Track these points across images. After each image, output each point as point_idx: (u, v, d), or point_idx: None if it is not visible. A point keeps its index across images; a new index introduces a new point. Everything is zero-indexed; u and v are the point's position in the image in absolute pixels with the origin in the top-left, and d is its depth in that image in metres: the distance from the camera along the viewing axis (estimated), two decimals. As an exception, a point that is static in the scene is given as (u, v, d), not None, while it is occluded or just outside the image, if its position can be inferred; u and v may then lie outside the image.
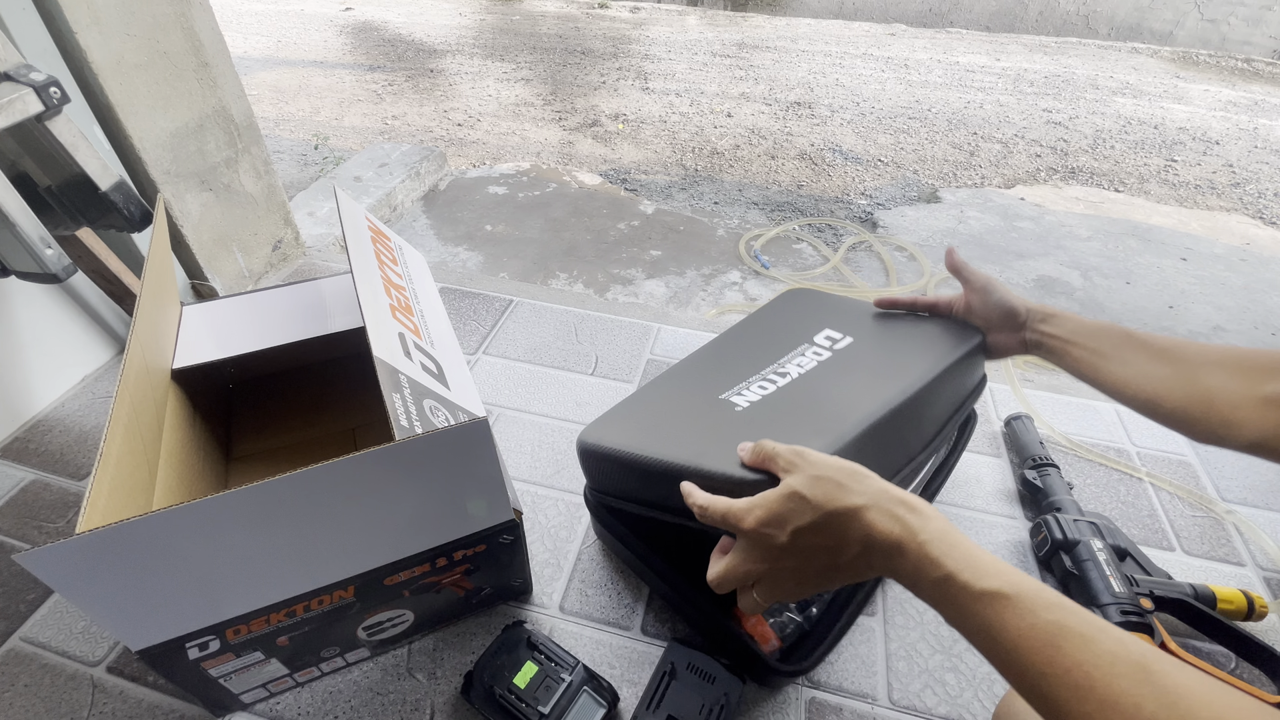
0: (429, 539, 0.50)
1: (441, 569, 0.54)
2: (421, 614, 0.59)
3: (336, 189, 0.66)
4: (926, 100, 3.20)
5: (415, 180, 2.18)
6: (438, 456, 0.44)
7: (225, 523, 0.40)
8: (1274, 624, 0.66)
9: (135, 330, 0.53)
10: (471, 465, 0.47)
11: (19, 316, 0.83)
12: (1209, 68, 3.85)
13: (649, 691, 0.55)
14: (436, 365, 0.58)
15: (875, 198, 2.30)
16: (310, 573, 0.47)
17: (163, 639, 0.45)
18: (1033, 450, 0.80)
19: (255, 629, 0.48)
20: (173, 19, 0.93)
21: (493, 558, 0.56)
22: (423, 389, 0.50)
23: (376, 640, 0.59)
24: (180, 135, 0.98)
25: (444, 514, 0.49)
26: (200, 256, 1.05)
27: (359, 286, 0.52)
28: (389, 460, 0.42)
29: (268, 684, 0.56)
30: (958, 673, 0.62)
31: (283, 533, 0.43)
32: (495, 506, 0.51)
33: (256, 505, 0.40)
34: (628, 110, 3.03)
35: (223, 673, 0.51)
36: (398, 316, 0.57)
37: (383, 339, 0.49)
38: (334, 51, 3.80)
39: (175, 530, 0.39)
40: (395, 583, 0.52)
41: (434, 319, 0.66)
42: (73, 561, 0.38)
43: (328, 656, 0.57)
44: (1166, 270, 1.94)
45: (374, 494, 0.44)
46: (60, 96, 0.63)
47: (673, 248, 2.00)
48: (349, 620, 0.54)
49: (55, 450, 0.83)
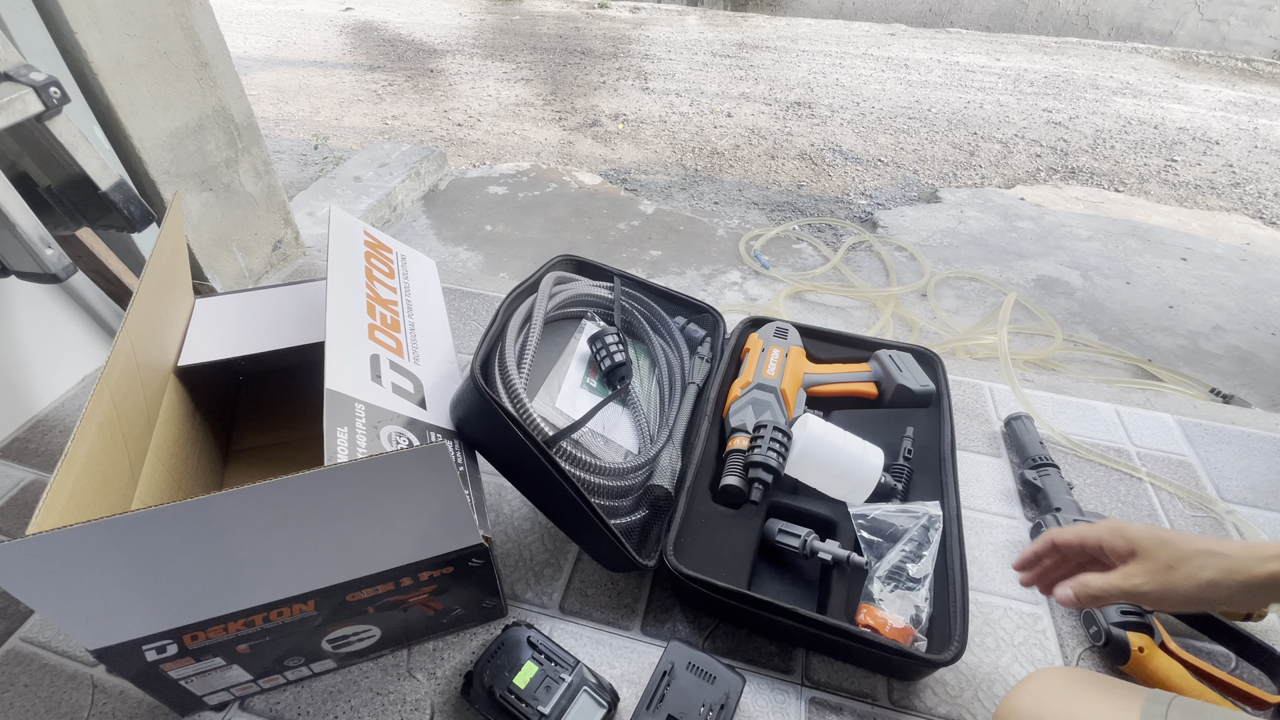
0: (390, 559, 0.50)
1: (407, 588, 0.53)
2: (389, 630, 0.58)
3: (332, 209, 0.66)
4: (926, 100, 3.20)
5: (415, 180, 2.18)
6: (392, 479, 0.44)
7: (176, 533, 0.40)
8: (1274, 624, 0.66)
9: (126, 327, 0.53)
10: (431, 489, 0.46)
11: (19, 316, 0.83)
12: (1209, 68, 3.85)
13: (649, 691, 0.55)
14: (415, 384, 0.58)
15: (875, 198, 2.30)
16: (267, 585, 0.47)
17: (118, 640, 0.45)
18: (1033, 450, 0.80)
19: (214, 635, 0.48)
20: (173, 19, 0.93)
21: (461, 579, 0.56)
22: (384, 414, 0.51)
23: (343, 653, 0.58)
24: (180, 135, 0.98)
25: (406, 535, 0.49)
26: (200, 256, 1.05)
27: (329, 316, 0.54)
28: (329, 482, 0.42)
29: (231, 688, 0.56)
30: (958, 673, 0.62)
31: (236, 544, 0.43)
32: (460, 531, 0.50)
33: (205, 518, 0.41)
34: (628, 110, 3.03)
35: (183, 675, 0.51)
36: (376, 336, 0.58)
37: (343, 368, 0.51)
38: (334, 51, 3.80)
39: (126, 537, 0.39)
40: (358, 599, 0.52)
41: (427, 333, 0.66)
42: (21, 563, 0.38)
43: (292, 665, 0.57)
44: (1166, 270, 1.94)
45: (326, 513, 0.44)
46: (60, 96, 0.63)
47: (673, 248, 2.00)
48: (312, 632, 0.53)
49: (55, 450, 0.82)
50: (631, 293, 0.85)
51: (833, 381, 0.82)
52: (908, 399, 0.79)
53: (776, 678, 0.61)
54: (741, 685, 0.56)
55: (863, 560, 0.62)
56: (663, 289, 0.88)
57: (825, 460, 0.69)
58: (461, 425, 0.59)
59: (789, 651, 0.63)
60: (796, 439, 0.70)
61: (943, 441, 0.74)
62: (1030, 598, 0.68)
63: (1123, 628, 0.60)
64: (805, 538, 0.65)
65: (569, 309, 0.80)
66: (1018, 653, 0.64)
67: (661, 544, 0.63)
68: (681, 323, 0.87)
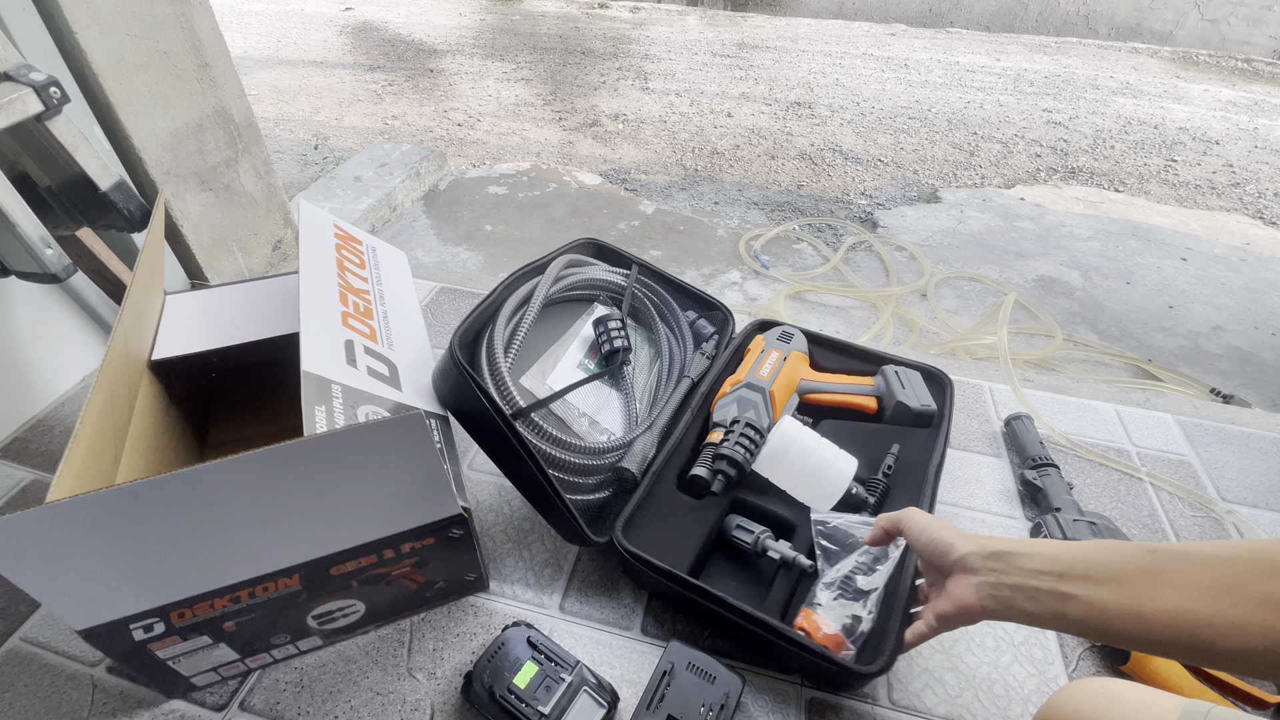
0: (373, 531, 0.51)
1: (389, 560, 0.55)
2: (373, 605, 0.59)
3: (302, 201, 0.69)
4: (926, 100, 3.20)
5: (415, 180, 2.18)
6: (371, 448, 0.45)
7: (160, 506, 0.41)
8: (1274, 624, 0.66)
9: (122, 320, 0.53)
10: (410, 458, 0.47)
11: (19, 316, 0.83)
12: (1209, 68, 3.85)
13: (649, 691, 0.55)
14: (390, 367, 0.60)
15: (875, 198, 2.30)
16: (252, 559, 0.48)
17: (106, 619, 0.46)
18: (1033, 450, 0.80)
19: (200, 613, 0.49)
20: (173, 19, 0.93)
21: (443, 551, 0.57)
22: (360, 395, 0.52)
23: (328, 629, 0.59)
24: (180, 135, 0.98)
25: (387, 506, 0.50)
26: (200, 256, 1.05)
27: (302, 303, 0.55)
28: (309, 452, 0.43)
29: (218, 668, 0.57)
30: (957, 673, 0.62)
31: (220, 518, 0.44)
32: (439, 501, 0.52)
33: (188, 491, 0.41)
34: (628, 110, 3.03)
35: (170, 655, 0.52)
36: (349, 323, 0.59)
37: (319, 352, 0.52)
38: (334, 51, 3.80)
39: (111, 512, 0.40)
40: (342, 573, 0.53)
41: (400, 320, 0.68)
42: (8, 541, 0.38)
43: (279, 643, 0.58)
44: (1166, 270, 1.94)
45: (308, 484, 0.45)
46: (60, 96, 0.63)
47: (673, 248, 2.00)
48: (297, 608, 0.54)
49: (55, 450, 0.82)
50: (647, 282, 0.87)
51: (830, 390, 0.81)
52: (906, 417, 0.77)
53: (776, 678, 0.61)
54: (741, 685, 0.56)
55: (808, 564, 0.62)
56: (678, 281, 0.89)
57: (795, 461, 0.68)
58: (441, 394, 0.63)
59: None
60: (769, 437, 0.70)
61: (930, 462, 0.71)
62: (1030, 598, 0.68)
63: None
64: (759, 535, 0.66)
65: (580, 291, 0.82)
66: (1018, 653, 0.64)
67: (614, 522, 0.65)
68: (692, 317, 0.88)
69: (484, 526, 0.73)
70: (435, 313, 1.06)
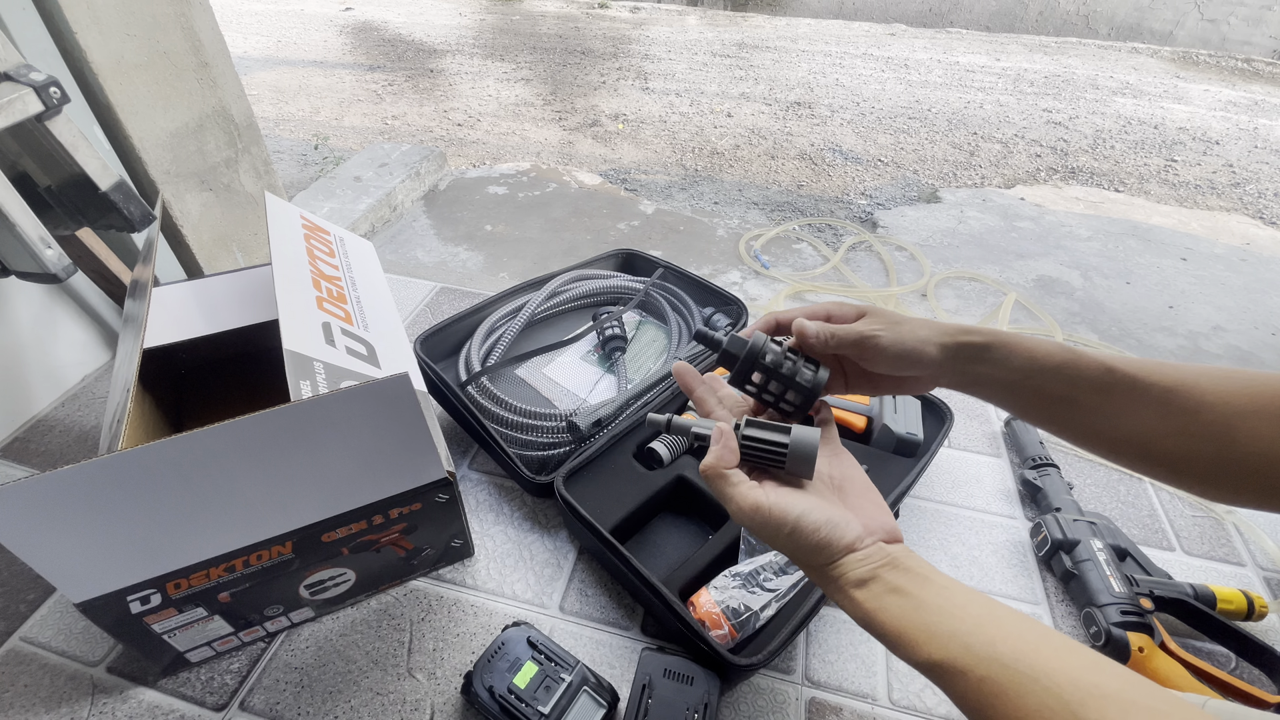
0: (363, 495, 0.52)
1: (379, 526, 0.56)
2: (363, 573, 0.61)
3: (267, 194, 0.71)
4: (926, 100, 3.20)
5: (415, 180, 2.18)
6: (359, 411, 0.46)
7: (155, 473, 0.42)
8: (1274, 624, 0.66)
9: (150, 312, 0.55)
10: (397, 421, 0.49)
11: (19, 316, 0.83)
12: (1209, 68, 3.85)
13: (630, 709, 0.54)
14: (367, 347, 0.61)
15: (875, 198, 2.30)
16: (247, 526, 0.49)
17: (103, 591, 0.46)
18: (1033, 450, 0.80)
19: (196, 583, 0.50)
20: (173, 19, 0.93)
21: (430, 516, 0.59)
22: (342, 372, 0.53)
23: (320, 600, 0.60)
24: (180, 135, 0.98)
25: (375, 470, 0.51)
26: (200, 256, 1.05)
27: (278, 288, 0.56)
28: (298, 417, 0.44)
29: (212, 642, 0.57)
30: (958, 673, 0.62)
31: (212, 485, 0.45)
32: (426, 464, 0.54)
33: (181, 457, 0.42)
34: (628, 110, 3.03)
35: (166, 628, 0.52)
36: (325, 307, 0.60)
37: (299, 332, 0.53)
38: (334, 51, 3.80)
39: (108, 480, 0.41)
40: (333, 540, 0.54)
41: (372, 303, 0.70)
42: (12, 509, 0.39)
43: (272, 615, 0.59)
44: (1166, 270, 1.94)
45: (298, 449, 0.46)
46: (60, 96, 0.63)
47: (673, 248, 2.00)
48: (290, 577, 0.55)
49: (55, 450, 0.82)
50: (662, 284, 0.95)
51: None
52: (889, 442, 0.74)
53: (777, 678, 0.61)
54: (720, 682, 0.55)
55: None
56: (697, 278, 0.96)
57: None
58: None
59: (789, 650, 0.63)
60: None
61: (899, 486, 0.68)
62: (1030, 598, 0.68)
63: (1123, 628, 0.60)
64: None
65: (598, 298, 0.95)
66: (1018, 653, 0.64)
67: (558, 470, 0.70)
68: (709, 312, 0.92)
69: (484, 526, 0.73)
70: (435, 313, 1.06)
